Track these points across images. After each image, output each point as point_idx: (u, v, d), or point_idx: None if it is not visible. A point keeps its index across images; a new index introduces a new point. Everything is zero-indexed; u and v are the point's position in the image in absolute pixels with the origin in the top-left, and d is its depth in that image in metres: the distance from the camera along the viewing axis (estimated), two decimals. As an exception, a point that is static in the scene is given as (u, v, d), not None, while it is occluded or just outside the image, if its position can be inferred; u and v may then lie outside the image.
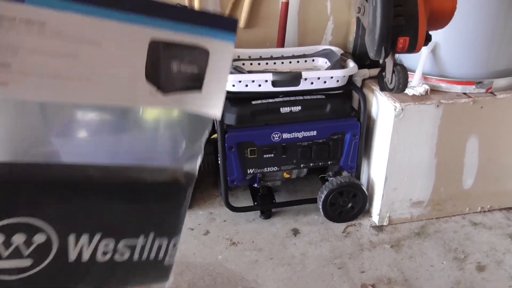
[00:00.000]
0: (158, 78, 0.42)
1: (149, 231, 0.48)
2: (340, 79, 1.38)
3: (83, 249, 0.44)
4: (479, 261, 1.37)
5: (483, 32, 1.31)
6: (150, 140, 0.48)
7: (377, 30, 0.68)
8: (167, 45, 0.42)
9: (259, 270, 1.34)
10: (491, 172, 1.53)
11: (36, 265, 0.43)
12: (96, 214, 0.44)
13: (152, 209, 0.48)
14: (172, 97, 0.43)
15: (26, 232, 0.41)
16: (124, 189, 0.46)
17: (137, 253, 0.48)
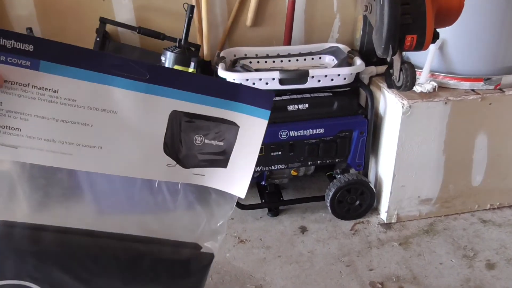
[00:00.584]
0: (177, 151, 0.40)
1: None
2: (347, 77, 1.38)
3: None
4: (488, 258, 1.37)
5: (491, 28, 1.30)
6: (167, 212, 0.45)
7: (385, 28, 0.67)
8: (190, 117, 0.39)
9: (267, 268, 1.34)
10: (500, 169, 1.52)
11: None
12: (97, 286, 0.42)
13: (162, 286, 0.45)
14: (192, 171, 0.41)
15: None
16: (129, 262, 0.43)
17: None
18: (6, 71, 0.34)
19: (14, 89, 0.34)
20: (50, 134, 0.36)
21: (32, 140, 0.36)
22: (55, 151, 0.37)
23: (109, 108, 0.37)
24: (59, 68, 0.35)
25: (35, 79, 0.35)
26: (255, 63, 1.57)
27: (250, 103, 0.40)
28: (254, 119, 0.40)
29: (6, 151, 0.36)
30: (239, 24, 1.68)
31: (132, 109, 0.37)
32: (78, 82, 0.35)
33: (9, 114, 0.35)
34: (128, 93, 0.37)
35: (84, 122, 0.37)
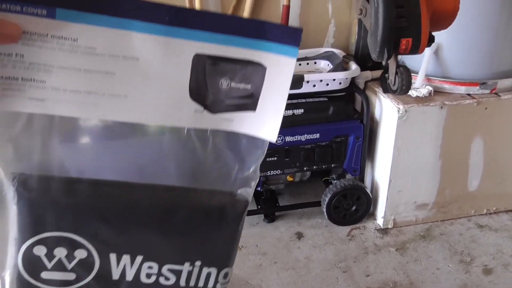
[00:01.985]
0: (204, 96, 0.39)
1: (196, 259, 0.45)
2: (342, 81, 1.38)
3: (126, 269, 0.43)
4: (485, 264, 1.36)
5: (487, 32, 1.30)
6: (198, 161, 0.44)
7: (379, 31, 0.67)
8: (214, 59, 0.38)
9: (264, 274, 1.33)
10: (496, 174, 1.52)
11: (80, 280, 0.43)
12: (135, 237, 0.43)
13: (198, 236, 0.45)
14: (221, 117, 0.40)
15: (67, 247, 0.41)
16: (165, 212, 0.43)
17: (183, 279, 0.46)
18: (23, 22, 0.33)
19: (34, 40, 0.34)
20: (75, 84, 0.36)
21: (58, 92, 0.36)
22: (81, 101, 0.36)
23: (130, 54, 0.36)
24: (76, 15, 0.34)
25: (53, 28, 0.34)
26: (250, 68, 1.57)
27: (277, 41, 0.38)
28: (282, 57, 0.38)
29: (34, 105, 0.36)
30: (234, 29, 1.67)
31: (154, 54, 0.36)
32: (96, 29, 0.35)
33: (32, 67, 0.35)
34: (148, 37, 0.36)
35: (107, 71, 0.36)
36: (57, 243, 0.41)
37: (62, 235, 0.41)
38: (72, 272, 0.42)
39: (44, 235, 0.40)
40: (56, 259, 0.41)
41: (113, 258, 0.43)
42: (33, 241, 0.40)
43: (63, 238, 0.41)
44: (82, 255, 0.42)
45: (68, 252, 0.41)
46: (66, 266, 0.42)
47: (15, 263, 0.41)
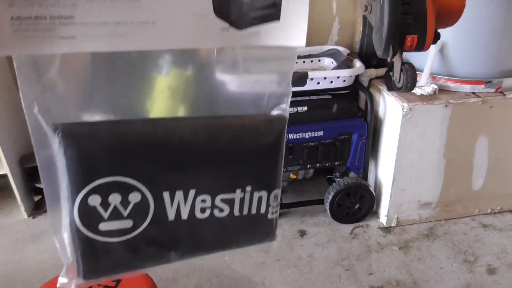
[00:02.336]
0: (228, 11, 0.38)
1: (246, 184, 0.46)
2: (346, 79, 1.37)
3: (180, 206, 0.44)
4: (489, 263, 1.35)
5: (493, 31, 1.29)
6: (229, 87, 0.44)
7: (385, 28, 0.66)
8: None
9: (266, 272, 1.33)
10: (501, 173, 1.51)
11: (137, 226, 0.43)
12: (186, 170, 0.43)
13: (244, 161, 0.45)
14: (247, 32, 0.39)
15: (121, 192, 0.41)
16: (210, 142, 0.43)
17: (237, 207, 0.46)
18: None
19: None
20: (102, 16, 0.35)
21: (87, 26, 0.35)
22: (111, 34, 0.36)
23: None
24: None
25: None
26: (254, 66, 1.56)
27: None
28: None
29: (65, 43, 0.35)
30: (238, 27, 1.67)
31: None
32: None
33: (58, 3, 0.34)
34: None
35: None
36: (110, 189, 0.41)
37: (114, 179, 0.41)
38: (129, 219, 0.42)
39: (96, 183, 0.40)
40: (112, 207, 0.41)
41: (166, 196, 0.43)
42: (87, 191, 0.40)
43: (116, 183, 0.41)
44: (136, 199, 0.42)
45: (122, 197, 0.41)
46: (122, 213, 0.42)
47: (72, 219, 0.41)
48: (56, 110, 0.38)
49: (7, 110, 1.54)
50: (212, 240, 0.48)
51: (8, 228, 1.56)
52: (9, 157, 1.50)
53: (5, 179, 1.54)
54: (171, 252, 0.46)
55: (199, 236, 0.46)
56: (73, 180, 0.40)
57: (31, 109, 0.37)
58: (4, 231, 1.55)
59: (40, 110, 0.38)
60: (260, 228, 0.50)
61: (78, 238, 0.41)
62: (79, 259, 0.42)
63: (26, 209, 1.61)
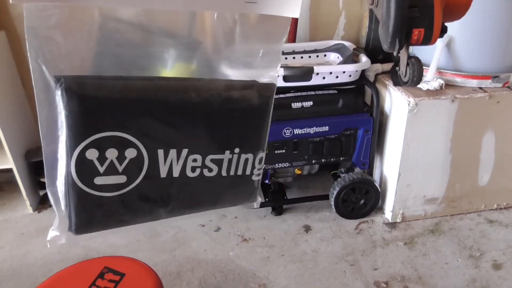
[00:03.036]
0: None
1: (234, 146, 0.49)
2: (352, 74, 1.36)
3: (173, 164, 0.46)
4: (495, 259, 1.35)
5: (500, 25, 1.28)
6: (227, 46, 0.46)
7: (391, 21, 0.66)
8: None
9: (271, 267, 1.33)
10: (508, 169, 1.50)
11: (130, 181, 0.44)
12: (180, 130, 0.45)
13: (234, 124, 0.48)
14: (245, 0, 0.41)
15: (118, 147, 0.42)
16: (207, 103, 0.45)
17: (224, 168, 0.49)
18: None
19: None
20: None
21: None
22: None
23: None
24: None
25: None
26: (259, 60, 1.56)
27: None
28: None
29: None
30: (243, 21, 1.66)
31: None
32: None
33: None
34: None
35: None
36: (109, 144, 0.42)
37: (112, 134, 0.42)
38: (123, 174, 0.44)
39: (95, 137, 0.41)
40: (108, 162, 0.42)
41: (160, 154, 0.44)
42: (86, 144, 0.41)
43: (114, 138, 0.42)
44: (132, 155, 0.43)
45: (119, 153, 0.42)
46: (118, 169, 0.43)
47: (68, 172, 0.41)
48: (60, 62, 0.39)
49: (13, 105, 1.55)
50: (200, 198, 0.50)
51: (13, 223, 1.57)
52: (15, 151, 1.51)
53: (10, 174, 1.55)
54: (161, 208, 0.48)
55: (188, 194, 0.48)
56: (72, 133, 0.40)
57: (35, 58, 0.38)
58: (10, 225, 1.56)
59: (44, 60, 0.38)
60: (244, 188, 0.53)
61: (73, 191, 0.42)
62: (72, 212, 0.43)
63: (31, 204, 1.61)
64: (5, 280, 1.30)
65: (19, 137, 1.56)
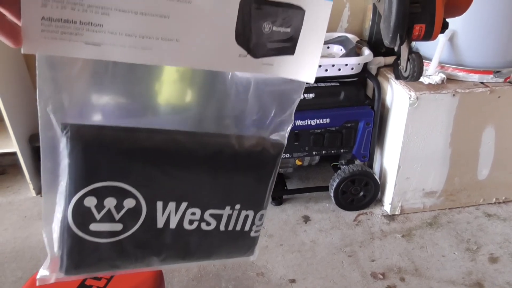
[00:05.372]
0: (248, 40, 0.40)
1: (236, 202, 0.48)
2: (354, 67, 1.37)
3: (171, 216, 0.45)
4: (492, 252, 1.36)
5: (502, 20, 1.28)
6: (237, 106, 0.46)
7: (393, 17, 0.66)
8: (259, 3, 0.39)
9: (269, 256, 1.35)
10: (507, 163, 1.51)
11: (126, 230, 0.44)
12: (182, 183, 0.45)
13: (238, 180, 0.47)
14: (262, 61, 0.41)
15: (117, 197, 0.42)
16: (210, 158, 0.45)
17: (223, 223, 0.48)
18: None
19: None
20: (131, 28, 0.36)
21: (114, 36, 0.36)
22: (136, 46, 0.37)
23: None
24: None
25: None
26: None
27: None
28: (319, 1, 0.40)
29: (90, 50, 0.36)
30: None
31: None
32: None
33: (91, 10, 0.35)
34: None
35: (161, 14, 0.37)
36: (108, 193, 0.42)
37: (113, 184, 0.42)
38: (120, 222, 0.43)
39: (95, 185, 0.41)
40: (106, 210, 0.42)
41: (159, 206, 0.44)
42: (85, 192, 0.41)
43: (114, 188, 0.42)
44: (130, 204, 0.43)
45: (117, 202, 0.43)
46: (115, 217, 0.43)
47: (64, 216, 0.42)
48: (68, 110, 0.39)
49: (17, 89, 1.56)
50: (195, 250, 0.49)
51: (16, 205, 1.59)
52: (19, 135, 1.52)
53: (14, 157, 1.56)
54: (154, 256, 0.47)
55: (183, 245, 0.48)
56: (73, 180, 0.41)
57: (45, 106, 0.38)
58: (13, 207, 1.58)
59: (53, 109, 0.38)
60: (242, 244, 0.52)
61: (68, 235, 0.42)
62: (64, 255, 0.43)
63: (35, 187, 1.63)
64: (8, 261, 1.33)
65: (24, 121, 1.57)
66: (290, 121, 0.47)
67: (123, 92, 0.43)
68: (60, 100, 0.39)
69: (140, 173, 0.42)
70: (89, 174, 0.41)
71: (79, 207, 0.42)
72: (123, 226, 0.44)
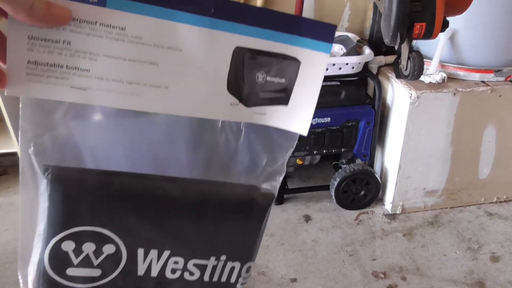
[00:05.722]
0: (240, 89, 0.39)
1: (221, 253, 0.46)
2: (355, 66, 1.37)
3: (152, 264, 0.43)
4: (493, 251, 1.36)
5: (503, 19, 1.28)
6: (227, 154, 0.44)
7: (393, 15, 0.66)
8: (253, 53, 0.38)
9: (270, 255, 1.35)
10: (508, 162, 1.51)
11: (105, 276, 0.43)
12: (166, 231, 0.43)
13: (225, 230, 0.45)
14: (254, 110, 0.40)
15: (96, 242, 0.41)
16: (195, 206, 0.43)
17: (207, 274, 0.46)
18: (74, 8, 0.33)
19: (82, 27, 0.34)
20: (118, 74, 0.36)
21: (101, 81, 0.35)
22: (123, 92, 0.36)
23: (175, 45, 0.36)
24: (126, 4, 0.34)
25: (103, 16, 0.34)
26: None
27: (312, 37, 0.38)
28: (316, 53, 0.39)
29: (75, 94, 0.35)
30: (247, 11, 1.66)
31: (197, 46, 0.37)
32: (144, 18, 0.35)
33: (78, 55, 0.34)
34: (193, 28, 0.36)
35: (151, 61, 0.36)
36: (87, 238, 0.41)
37: (93, 229, 0.40)
38: (98, 268, 0.42)
39: (74, 230, 0.40)
40: (84, 255, 0.41)
41: (140, 253, 0.43)
42: (63, 236, 0.40)
43: (94, 233, 0.41)
44: (110, 251, 0.42)
45: (96, 247, 0.41)
46: (93, 262, 0.42)
47: (41, 259, 0.41)
48: (51, 152, 0.39)
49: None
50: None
51: (18, 206, 1.59)
52: (20, 137, 1.52)
53: (15, 157, 1.57)
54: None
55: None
56: (51, 223, 0.40)
57: (27, 148, 0.38)
58: (14, 208, 1.58)
59: (35, 150, 0.38)
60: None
61: (43, 279, 0.41)
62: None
63: (36, 189, 1.63)
64: (9, 262, 1.33)
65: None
66: (283, 171, 0.45)
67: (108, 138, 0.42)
68: (42, 142, 0.38)
69: (122, 219, 0.41)
70: (68, 218, 0.40)
71: (56, 251, 0.40)
72: (101, 272, 0.42)
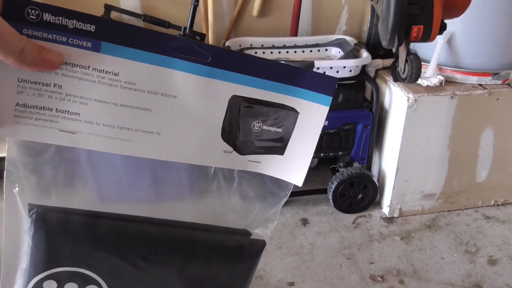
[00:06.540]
0: (235, 137, 0.38)
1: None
2: (353, 69, 1.37)
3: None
4: (491, 254, 1.36)
5: (501, 22, 1.28)
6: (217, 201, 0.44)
7: (391, 18, 0.66)
8: (250, 102, 0.37)
9: (268, 259, 1.34)
10: (506, 165, 1.51)
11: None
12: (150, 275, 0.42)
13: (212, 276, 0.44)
14: (248, 158, 0.39)
15: (78, 282, 0.40)
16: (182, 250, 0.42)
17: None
18: (67, 53, 0.32)
19: (75, 71, 0.33)
20: (109, 119, 0.35)
21: (91, 126, 0.35)
22: (113, 137, 0.35)
23: (169, 92, 0.35)
24: (121, 49, 0.33)
25: (96, 61, 0.33)
26: (261, 54, 1.56)
27: (312, 89, 0.38)
28: (315, 105, 0.39)
29: (64, 137, 0.35)
30: (245, 14, 1.66)
31: (192, 93, 0.36)
32: (139, 65, 0.34)
33: (69, 98, 0.34)
34: (189, 76, 0.35)
35: (144, 107, 0.35)
36: (69, 278, 0.40)
37: (76, 270, 0.40)
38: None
39: (57, 270, 0.39)
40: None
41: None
42: (45, 275, 0.39)
43: (76, 274, 0.40)
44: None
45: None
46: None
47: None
48: (36, 193, 0.38)
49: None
50: None
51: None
52: (16, 140, 1.51)
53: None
54: None
55: None
56: (34, 262, 0.39)
57: (12, 188, 0.37)
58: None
59: (20, 191, 0.37)
60: None
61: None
62: None
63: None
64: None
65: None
66: (275, 219, 0.44)
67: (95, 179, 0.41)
68: (27, 183, 0.37)
69: (105, 262, 0.40)
70: (51, 258, 0.39)
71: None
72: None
